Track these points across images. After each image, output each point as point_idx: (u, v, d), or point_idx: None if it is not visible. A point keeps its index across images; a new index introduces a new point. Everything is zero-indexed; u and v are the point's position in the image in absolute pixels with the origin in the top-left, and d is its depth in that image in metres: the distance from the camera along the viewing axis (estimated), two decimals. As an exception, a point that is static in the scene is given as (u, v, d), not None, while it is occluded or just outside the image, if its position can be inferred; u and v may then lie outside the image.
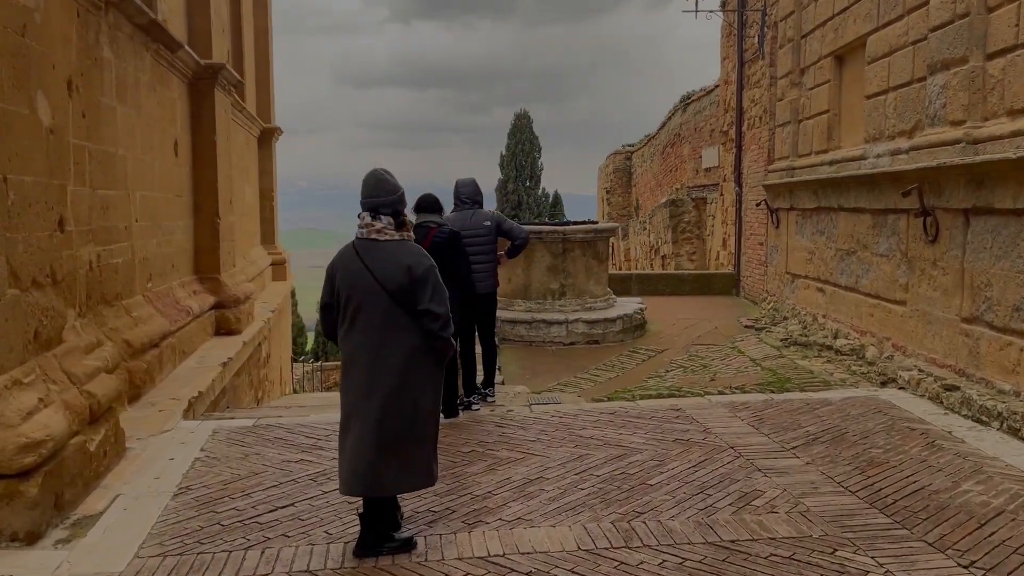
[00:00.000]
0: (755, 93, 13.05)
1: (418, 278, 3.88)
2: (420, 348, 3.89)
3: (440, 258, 5.99)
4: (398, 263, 3.88)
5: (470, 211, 6.79)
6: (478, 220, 6.73)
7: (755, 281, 13.11)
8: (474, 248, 6.55)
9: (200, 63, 10.28)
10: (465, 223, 6.64)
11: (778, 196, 11.57)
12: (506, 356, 9.26)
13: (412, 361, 3.87)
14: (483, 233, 6.72)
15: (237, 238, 14.35)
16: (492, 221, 6.79)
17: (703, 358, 9.18)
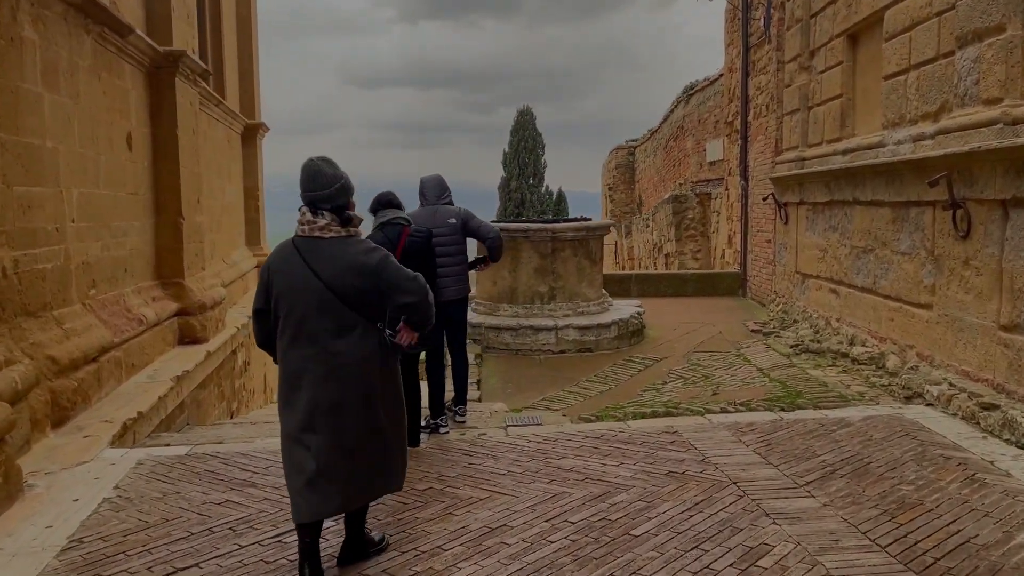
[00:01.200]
0: (761, 80, 12.20)
1: (373, 272, 3.51)
2: (378, 352, 3.59)
3: (415, 261, 5.22)
4: (347, 262, 3.50)
5: (433, 208, 6.12)
6: (442, 217, 6.05)
7: (762, 281, 12.26)
8: (439, 249, 5.88)
9: (158, 50, 9.49)
10: (428, 221, 5.96)
11: (787, 190, 10.72)
12: (488, 367, 8.44)
13: (372, 368, 3.56)
14: (448, 232, 6.02)
15: (214, 239, 13.59)
16: (457, 219, 6.08)
17: (705, 368, 8.34)
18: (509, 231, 9.24)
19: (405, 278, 3.56)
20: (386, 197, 5.75)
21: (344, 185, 3.65)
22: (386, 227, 5.65)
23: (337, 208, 3.58)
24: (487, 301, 9.50)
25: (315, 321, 3.49)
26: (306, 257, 3.53)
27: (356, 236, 3.65)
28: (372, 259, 3.54)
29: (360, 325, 3.53)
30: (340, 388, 3.48)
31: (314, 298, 3.47)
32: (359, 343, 3.52)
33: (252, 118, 17.58)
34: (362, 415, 3.53)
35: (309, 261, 3.51)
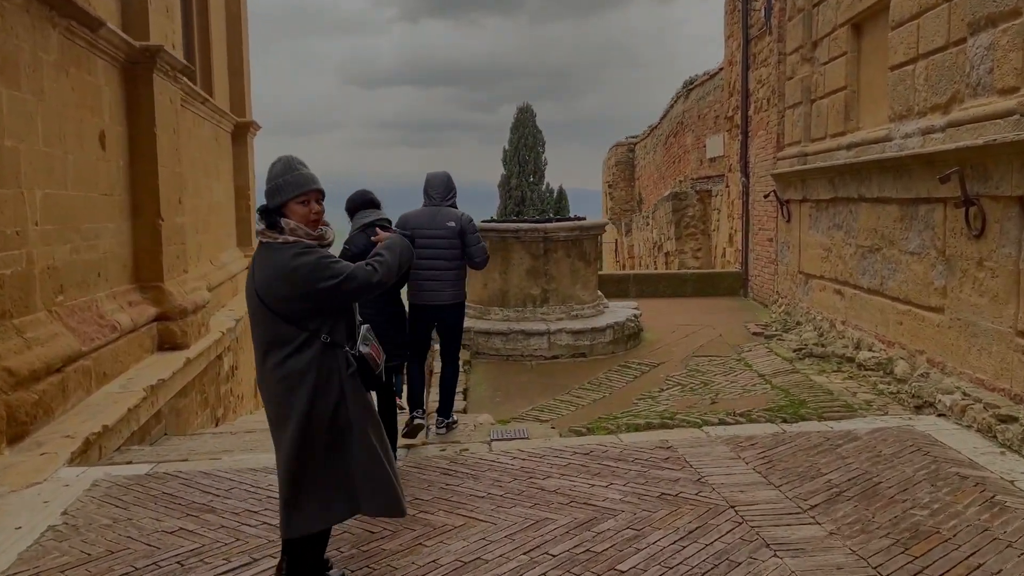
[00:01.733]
0: (762, 73, 11.80)
1: (301, 284, 3.17)
2: (317, 368, 3.23)
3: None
4: (274, 270, 3.21)
5: (435, 208, 5.86)
6: (441, 219, 5.79)
7: (764, 281, 11.87)
8: (432, 251, 5.70)
9: (134, 45, 9.13)
10: (427, 221, 5.79)
11: (789, 186, 10.34)
12: (477, 374, 8.08)
13: (306, 385, 3.21)
14: (445, 235, 5.76)
15: (200, 240, 13.24)
16: (457, 223, 5.79)
17: (704, 373, 7.97)
18: (500, 232, 8.87)
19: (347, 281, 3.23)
20: (363, 196, 5.40)
21: (274, 187, 3.31)
22: (369, 229, 5.30)
23: (262, 211, 3.32)
24: (477, 304, 9.14)
25: (256, 332, 3.34)
26: (252, 265, 3.35)
27: (294, 242, 3.25)
28: (299, 264, 3.18)
29: (297, 338, 3.22)
30: (273, 406, 3.27)
31: (252, 308, 3.30)
32: (292, 357, 3.22)
33: (242, 116, 17.22)
34: (295, 438, 3.21)
35: (252, 269, 3.33)
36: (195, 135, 13.36)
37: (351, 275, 3.24)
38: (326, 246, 3.45)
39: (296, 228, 3.31)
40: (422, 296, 5.78)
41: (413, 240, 5.21)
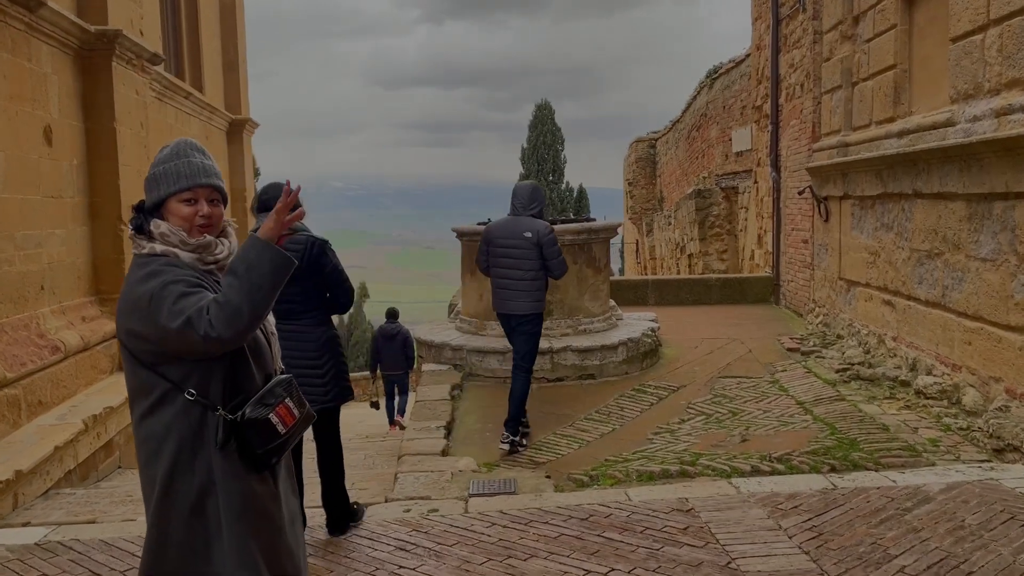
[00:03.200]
0: (794, 55, 10.62)
1: (143, 318, 2.21)
2: (179, 434, 2.27)
3: (296, 284, 3.85)
4: (124, 296, 2.31)
5: (515, 218, 5.87)
6: (518, 229, 5.78)
7: (798, 288, 10.69)
8: (508, 260, 5.78)
9: (88, 30, 8.18)
10: (505, 230, 5.83)
11: (827, 181, 9.15)
12: (467, 401, 7.00)
13: (164, 455, 2.27)
14: (521, 244, 5.73)
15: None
16: (534, 234, 5.73)
17: (732, 399, 6.83)
18: (496, 235, 7.79)
19: (176, 314, 2.17)
20: (278, 191, 4.35)
21: (152, 177, 2.40)
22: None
23: (139, 209, 2.41)
24: (472, 318, 8.07)
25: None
26: None
27: (155, 255, 2.30)
28: (143, 290, 2.21)
29: (154, 389, 2.27)
30: (141, 479, 2.36)
31: None
32: (150, 416, 2.29)
33: (238, 113, 16.31)
34: (147, 541, 2.29)
35: None
36: (178, 132, 12.41)
37: (194, 318, 2.19)
38: (210, 264, 2.43)
39: (168, 234, 2.33)
40: (501, 304, 5.90)
41: (326, 249, 4.25)
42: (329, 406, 4.25)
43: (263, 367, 2.48)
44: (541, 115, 46.54)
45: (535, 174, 45.82)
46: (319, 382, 4.20)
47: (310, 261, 4.14)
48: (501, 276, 5.83)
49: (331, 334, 4.28)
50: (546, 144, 46.10)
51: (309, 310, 4.21)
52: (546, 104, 47.04)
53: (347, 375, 4.38)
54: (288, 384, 2.50)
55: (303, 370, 4.20)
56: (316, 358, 4.21)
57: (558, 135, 46.71)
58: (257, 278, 2.21)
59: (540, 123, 46.43)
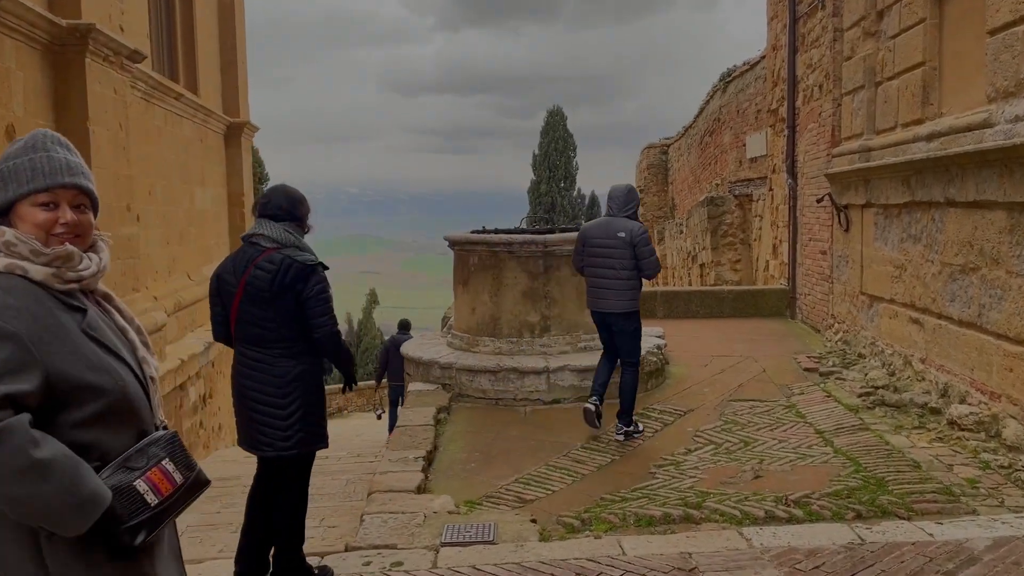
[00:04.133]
0: (813, 55, 10.01)
1: None
2: None
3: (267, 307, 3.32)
4: None
5: (609, 218, 6.08)
6: (612, 229, 5.98)
7: (816, 301, 10.05)
8: (602, 260, 5.97)
9: (59, 24, 7.70)
10: (600, 230, 6.04)
11: (848, 188, 8.54)
12: (454, 426, 6.41)
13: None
14: (615, 244, 5.93)
15: (173, 252, 11.82)
16: (627, 233, 5.92)
17: (744, 427, 6.23)
18: (489, 245, 7.24)
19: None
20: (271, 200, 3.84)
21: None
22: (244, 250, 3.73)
23: None
24: (464, 334, 7.50)
25: None
26: None
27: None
28: None
29: None
30: None
31: None
32: None
33: (236, 116, 15.83)
34: None
35: None
36: (168, 134, 11.94)
37: None
38: (71, 283, 1.90)
39: (15, 242, 1.83)
40: (595, 303, 6.08)
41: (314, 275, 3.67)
42: (288, 454, 3.68)
43: (136, 422, 1.92)
44: (553, 121, 46.01)
45: (546, 180, 45.25)
46: (279, 424, 3.64)
47: (281, 286, 3.58)
48: (596, 275, 6.02)
49: (302, 369, 3.68)
50: (558, 150, 45.53)
51: (280, 339, 3.65)
52: (558, 110, 46.49)
53: (320, 419, 3.78)
54: (169, 442, 1.95)
55: (263, 406, 3.65)
56: (279, 395, 3.64)
57: (570, 141, 46.14)
58: (45, 492, 1.66)
59: (552, 129, 45.89)
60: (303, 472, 3.78)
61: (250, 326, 3.64)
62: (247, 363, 3.67)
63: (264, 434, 3.62)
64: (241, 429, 3.74)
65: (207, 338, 11.52)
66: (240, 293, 3.62)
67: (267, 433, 3.62)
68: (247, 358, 3.67)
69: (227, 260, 3.78)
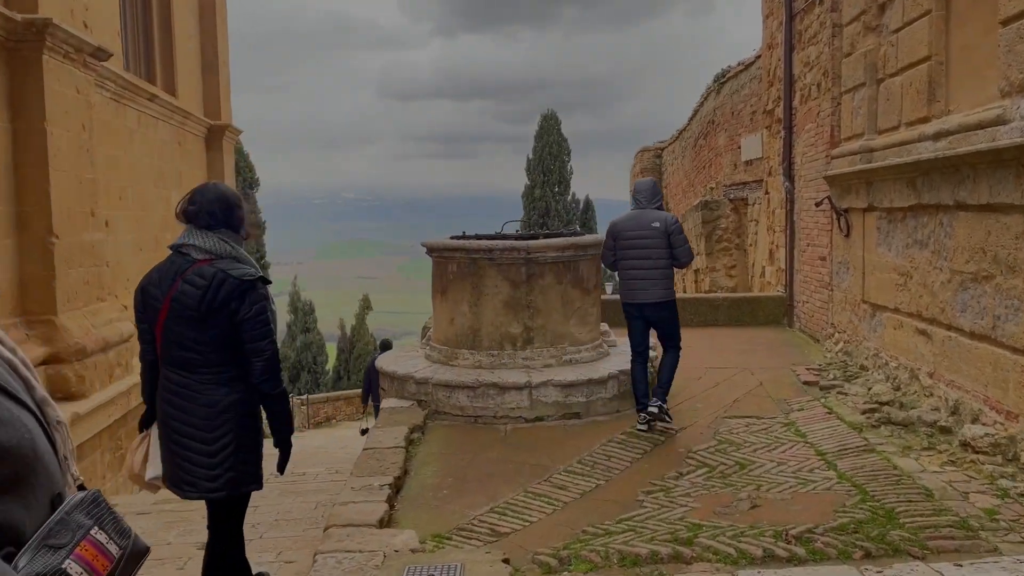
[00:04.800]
0: (810, 53, 9.61)
1: None
2: None
3: (196, 327, 2.88)
4: None
5: (641, 211, 6.20)
6: (646, 220, 6.12)
7: (815, 310, 9.63)
8: (638, 251, 6.07)
9: (14, 18, 7.25)
10: (633, 223, 6.17)
11: (848, 191, 8.12)
12: (428, 446, 5.96)
13: None
14: (650, 235, 6.06)
15: (148, 259, 11.37)
16: (662, 224, 6.08)
17: (740, 447, 5.79)
18: (468, 251, 6.80)
19: None
20: (201, 202, 3.40)
21: None
22: (172, 260, 3.29)
23: None
24: (442, 346, 7.06)
25: None
26: None
27: None
28: None
29: None
30: None
31: None
32: None
33: (217, 119, 15.39)
34: None
35: None
36: (141, 137, 11.50)
37: None
38: None
39: None
40: (632, 295, 6.15)
41: (253, 290, 3.20)
42: (216, 496, 3.23)
43: (49, 484, 1.45)
44: (547, 125, 45.63)
45: (540, 185, 44.85)
46: (205, 461, 3.19)
47: (213, 304, 3.14)
48: (631, 268, 6.11)
49: (235, 399, 3.23)
50: (552, 155, 45.14)
51: (211, 364, 3.20)
52: (552, 114, 46.10)
53: (254, 457, 3.33)
54: (94, 504, 1.46)
55: (187, 440, 3.20)
56: (206, 428, 3.19)
57: (564, 146, 45.74)
58: None
59: (546, 133, 45.51)
60: (233, 516, 3.34)
61: (176, 347, 3.20)
62: (172, 389, 3.23)
63: (187, 472, 3.18)
64: (165, 464, 3.29)
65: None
66: (166, 310, 3.18)
67: (191, 471, 3.17)
68: (172, 383, 3.23)
69: (153, 271, 3.34)
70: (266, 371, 3.20)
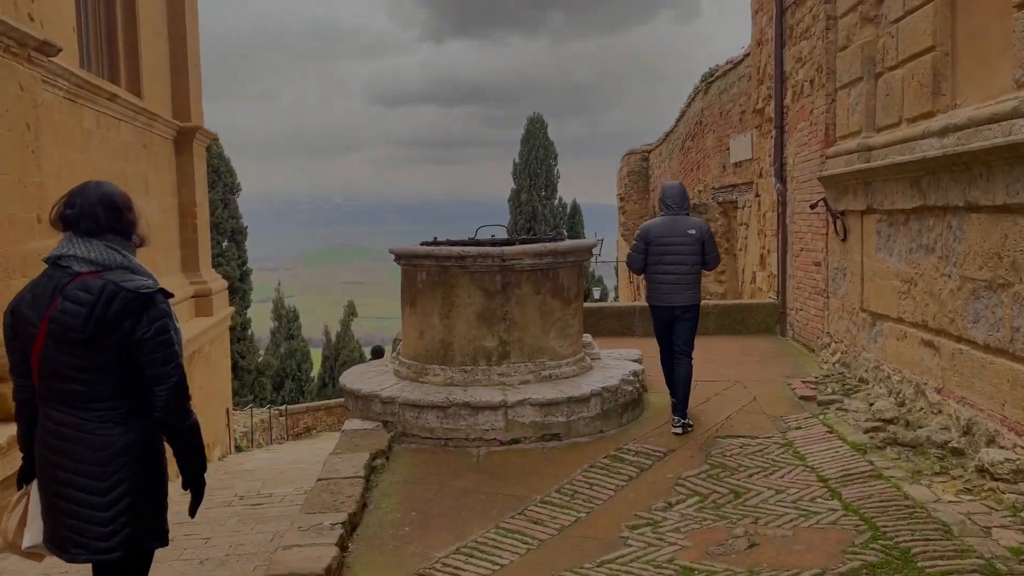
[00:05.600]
0: (802, 48, 9.15)
1: None
2: None
3: (81, 353, 2.27)
4: None
5: (675, 217, 6.27)
6: (682, 227, 6.24)
7: (809, 318, 9.16)
8: (673, 257, 6.18)
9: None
10: (668, 229, 6.23)
11: (845, 192, 7.66)
12: (392, 474, 5.42)
13: None
14: (687, 242, 6.19)
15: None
16: (697, 231, 6.23)
17: (734, 471, 5.28)
18: (438, 259, 6.27)
19: None
20: (80, 207, 2.85)
21: None
22: (52, 274, 2.75)
23: None
24: (412, 361, 6.52)
25: None
26: None
27: None
28: None
29: None
30: None
31: None
32: None
33: (187, 120, 14.82)
34: None
35: None
36: (101, 138, 10.91)
37: None
38: None
39: None
40: (661, 299, 6.28)
41: (153, 304, 2.63)
42: (110, 558, 2.69)
43: None
44: (533, 129, 45.22)
45: (527, 189, 44.38)
46: (97, 516, 2.64)
47: (102, 323, 2.60)
48: (664, 272, 6.21)
49: (132, 439, 2.69)
50: (538, 159, 44.72)
51: (101, 397, 2.66)
52: (538, 118, 45.69)
53: (158, 507, 2.79)
54: None
55: (75, 491, 2.66)
56: (98, 475, 2.65)
57: (551, 149, 45.33)
58: None
59: (532, 137, 45.10)
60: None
61: (57, 379, 2.66)
62: (53, 431, 2.69)
63: (75, 530, 2.64)
64: (46, 523, 2.74)
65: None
66: (43, 334, 2.64)
67: (79, 529, 2.63)
68: (53, 423, 2.69)
69: (26, 289, 2.79)
70: (172, 401, 2.67)
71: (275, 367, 36.37)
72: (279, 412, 20.50)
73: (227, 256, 30.47)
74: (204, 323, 14.30)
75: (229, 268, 30.39)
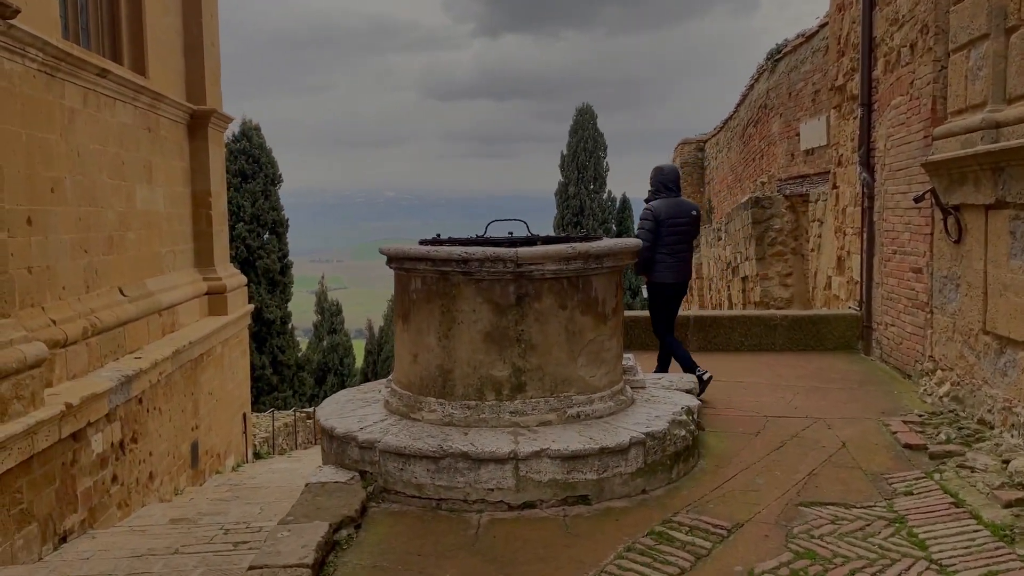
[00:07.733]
0: (900, 6, 7.51)
1: None
2: None
3: None
4: None
5: (678, 199, 6.69)
6: (686, 208, 6.70)
7: (903, 335, 7.53)
8: (678, 236, 6.55)
9: None
10: (676, 210, 6.59)
11: (962, 181, 6.04)
12: (363, 554, 4.03)
13: None
14: (689, 222, 6.64)
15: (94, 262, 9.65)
16: (696, 211, 6.76)
17: (827, 565, 3.78)
18: (435, 261, 4.87)
19: None
20: None
21: None
22: None
23: None
24: (404, 391, 5.15)
25: None
26: None
27: None
28: None
29: None
30: None
31: None
32: None
33: (202, 103, 13.70)
34: None
35: None
36: (88, 118, 9.74)
37: None
38: None
39: None
40: (679, 275, 6.67)
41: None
42: None
43: None
44: (582, 120, 43.55)
45: (575, 182, 42.76)
46: None
47: None
48: (678, 250, 6.57)
49: None
50: (587, 151, 43.04)
51: None
52: (587, 108, 43.93)
53: None
54: None
55: None
56: None
57: (600, 141, 43.60)
58: None
59: (580, 128, 43.46)
60: None
61: None
62: None
63: None
64: None
65: (131, 368, 9.35)
66: None
67: None
68: None
69: None
70: None
71: (316, 361, 35.62)
72: (305, 415, 19.42)
73: (268, 248, 29.68)
74: (216, 323, 13.19)
75: (269, 261, 29.63)
